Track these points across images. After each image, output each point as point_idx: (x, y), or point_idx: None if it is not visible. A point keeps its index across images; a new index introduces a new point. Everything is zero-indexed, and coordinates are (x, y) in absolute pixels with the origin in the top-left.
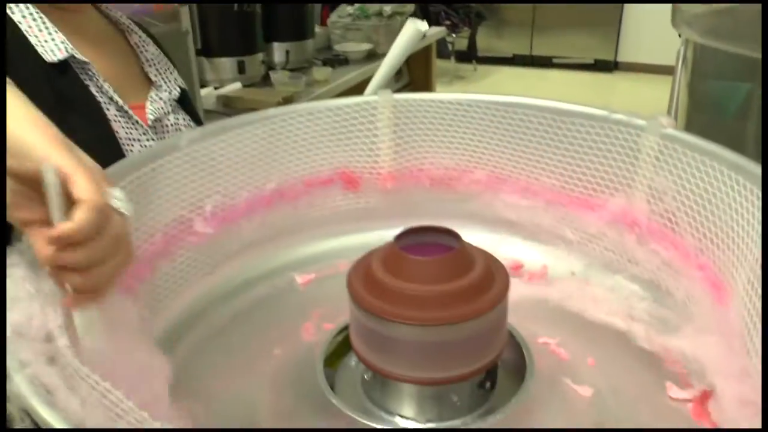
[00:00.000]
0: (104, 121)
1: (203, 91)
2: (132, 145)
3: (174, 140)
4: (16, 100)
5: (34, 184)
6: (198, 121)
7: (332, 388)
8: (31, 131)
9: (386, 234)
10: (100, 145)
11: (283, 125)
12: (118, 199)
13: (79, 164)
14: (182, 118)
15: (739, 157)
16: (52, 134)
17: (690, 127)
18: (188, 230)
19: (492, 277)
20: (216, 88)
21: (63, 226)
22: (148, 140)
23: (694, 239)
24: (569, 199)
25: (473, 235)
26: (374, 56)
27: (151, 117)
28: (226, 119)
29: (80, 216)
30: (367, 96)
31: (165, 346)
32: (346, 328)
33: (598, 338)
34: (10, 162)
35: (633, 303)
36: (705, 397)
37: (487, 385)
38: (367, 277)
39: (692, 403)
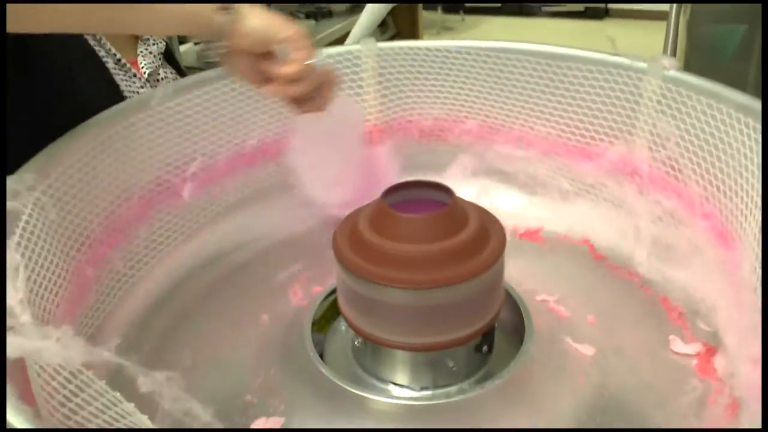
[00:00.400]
0: (107, 75)
1: (182, 48)
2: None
3: (146, 96)
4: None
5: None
6: (182, 74)
7: (321, 355)
8: (267, 21)
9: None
10: (108, 99)
11: None
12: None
13: (300, 37)
14: (170, 72)
15: (747, 98)
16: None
17: (687, 71)
18: (166, 192)
19: (487, 234)
20: (196, 44)
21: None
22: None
23: (698, 187)
24: (566, 148)
25: (465, 190)
26: (359, 8)
27: (147, 70)
28: (201, 73)
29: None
30: (350, 45)
31: (147, 313)
32: (335, 290)
33: (598, 294)
34: (256, 46)
35: (634, 256)
36: (710, 352)
37: (485, 348)
38: (354, 238)
39: (696, 358)
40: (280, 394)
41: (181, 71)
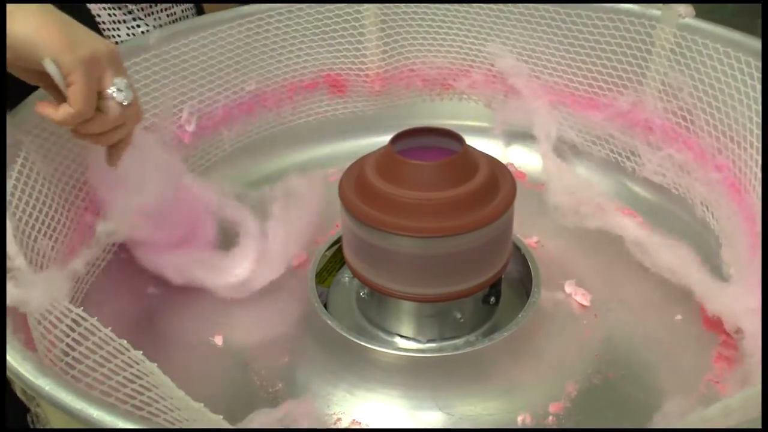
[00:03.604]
0: (78, 3)
1: None
2: (118, 30)
3: (141, 40)
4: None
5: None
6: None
7: (325, 306)
8: (36, 32)
9: (377, 140)
10: None
11: (261, 24)
12: (117, 89)
13: (77, 65)
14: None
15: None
16: (52, 32)
17: None
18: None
19: (497, 184)
20: None
21: (61, 112)
22: (135, 20)
23: (711, 138)
24: (573, 98)
25: (470, 141)
26: None
27: None
28: (198, 17)
29: (67, 111)
30: None
31: None
32: (337, 242)
33: (606, 248)
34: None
35: (644, 213)
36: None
37: (492, 299)
38: (361, 185)
39: (702, 311)
40: (283, 346)
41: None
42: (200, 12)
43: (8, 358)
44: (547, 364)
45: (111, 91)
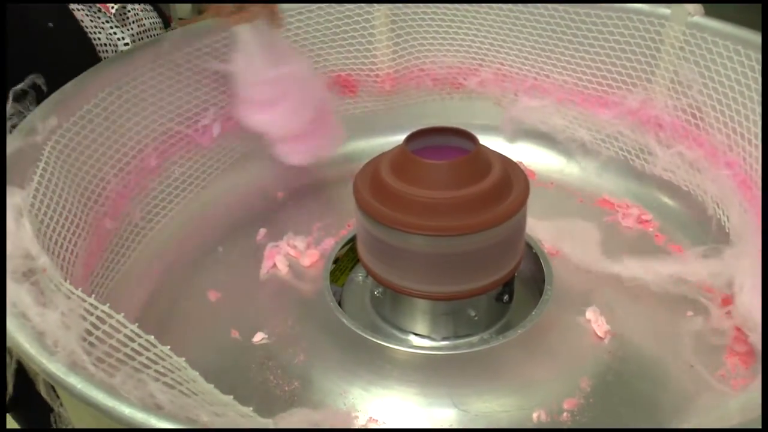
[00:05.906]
0: (64, 7)
1: None
2: (99, 34)
3: (155, 44)
4: None
5: None
6: (162, 14)
7: (340, 305)
8: None
9: (388, 140)
10: (65, 33)
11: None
12: None
13: None
14: (143, 8)
15: None
16: None
17: None
18: (179, 143)
19: (510, 183)
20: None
21: None
22: (111, 28)
23: (721, 135)
24: (583, 96)
25: (480, 139)
26: None
27: (116, 6)
28: (209, 20)
29: None
30: None
31: (160, 262)
32: (349, 241)
33: (615, 245)
34: None
35: (653, 210)
36: (726, 301)
37: (505, 297)
38: (375, 184)
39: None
40: (299, 344)
41: (161, 13)
42: (166, 24)
43: (38, 356)
44: (560, 361)
45: None
